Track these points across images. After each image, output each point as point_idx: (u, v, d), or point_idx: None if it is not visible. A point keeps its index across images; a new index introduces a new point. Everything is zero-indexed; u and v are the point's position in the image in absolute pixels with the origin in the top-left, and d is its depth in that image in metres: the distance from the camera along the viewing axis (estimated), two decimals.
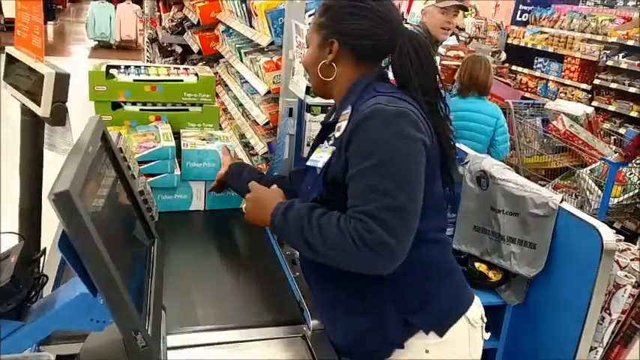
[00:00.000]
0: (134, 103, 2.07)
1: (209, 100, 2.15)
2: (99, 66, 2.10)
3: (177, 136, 1.99)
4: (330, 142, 1.22)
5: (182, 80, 2.13)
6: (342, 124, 1.18)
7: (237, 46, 2.92)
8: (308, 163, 1.26)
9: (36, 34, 1.40)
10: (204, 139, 1.99)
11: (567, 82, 5.94)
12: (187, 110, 2.14)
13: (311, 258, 1.15)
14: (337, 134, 1.18)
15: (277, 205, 1.19)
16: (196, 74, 2.18)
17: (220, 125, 2.67)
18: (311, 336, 1.35)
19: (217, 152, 1.89)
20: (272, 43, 2.32)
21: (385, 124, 1.09)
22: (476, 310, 1.26)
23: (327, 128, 1.28)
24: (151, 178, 1.79)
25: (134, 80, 2.07)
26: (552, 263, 1.63)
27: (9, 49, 1.50)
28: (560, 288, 1.61)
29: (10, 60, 1.49)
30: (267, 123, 2.40)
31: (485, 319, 1.29)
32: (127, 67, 2.16)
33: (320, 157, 1.22)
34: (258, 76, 2.50)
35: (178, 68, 2.25)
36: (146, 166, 1.79)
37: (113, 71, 2.10)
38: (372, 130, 1.10)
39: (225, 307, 1.44)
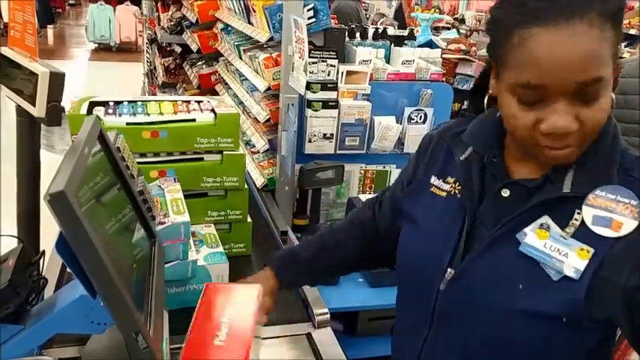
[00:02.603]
0: None
1: (231, 145, 1.56)
2: (78, 104, 1.51)
3: (187, 193, 1.46)
4: (570, 229, 0.85)
5: (194, 120, 1.53)
6: (625, 222, 0.81)
7: (235, 43, 2.90)
8: (525, 250, 0.86)
9: (29, 33, 1.38)
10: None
11: None
12: (202, 160, 1.57)
13: None
14: (607, 233, 0.82)
15: None
16: (213, 110, 1.57)
17: None
18: (316, 334, 1.33)
19: None
20: (271, 39, 2.30)
21: None
22: None
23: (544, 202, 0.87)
24: None
25: (128, 124, 1.48)
26: None
27: (3, 49, 1.48)
28: None
29: (4, 60, 1.47)
30: (268, 120, 2.38)
31: None
32: (117, 103, 1.57)
33: (561, 257, 0.84)
34: (257, 73, 2.48)
35: (188, 102, 1.63)
36: None
37: (98, 110, 1.50)
38: None
39: None
